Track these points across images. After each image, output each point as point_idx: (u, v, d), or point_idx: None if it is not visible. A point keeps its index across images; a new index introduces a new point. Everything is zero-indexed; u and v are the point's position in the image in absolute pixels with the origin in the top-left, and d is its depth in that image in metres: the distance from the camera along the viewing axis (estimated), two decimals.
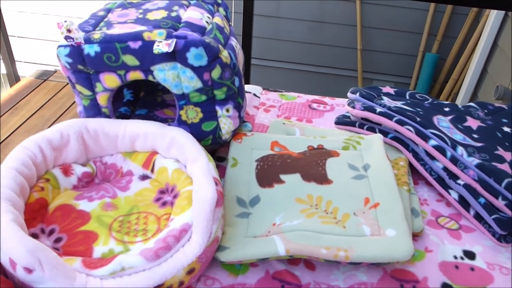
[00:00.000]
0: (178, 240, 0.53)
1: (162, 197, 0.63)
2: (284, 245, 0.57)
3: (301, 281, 0.60)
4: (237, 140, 0.75)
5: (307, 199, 0.65)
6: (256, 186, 0.67)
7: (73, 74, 0.67)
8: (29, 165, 0.58)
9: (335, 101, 1.01)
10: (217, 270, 0.61)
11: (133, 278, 0.50)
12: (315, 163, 0.70)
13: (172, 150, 0.65)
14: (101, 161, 0.67)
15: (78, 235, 0.57)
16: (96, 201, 0.62)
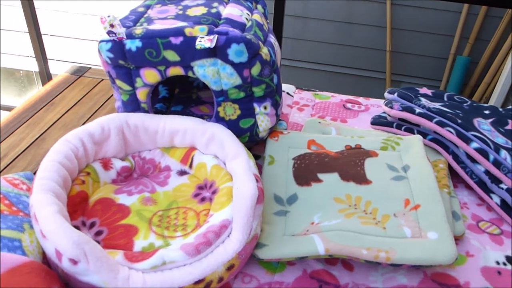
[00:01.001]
0: (218, 236, 0.53)
1: (200, 193, 0.63)
2: (324, 244, 0.57)
3: (339, 281, 0.59)
4: (274, 138, 0.75)
5: (345, 199, 0.64)
6: (294, 184, 0.67)
7: (113, 69, 0.68)
8: (71, 158, 0.59)
9: (370, 102, 0.99)
10: (254, 268, 0.60)
11: (174, 272, 0.50)
12: (353, 163, 0.69)
13: (211, 146, 0.65)
14: (140, 156, 0.68)
15: (119, 229, 0.57)
16: (135, 195, 0.62)
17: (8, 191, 0.58)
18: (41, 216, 0.48)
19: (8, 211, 0.54)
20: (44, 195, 0.51)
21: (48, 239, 0.47)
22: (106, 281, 0.47)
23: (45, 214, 0.48)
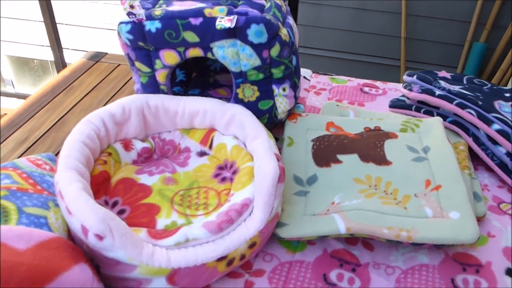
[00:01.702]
0: (240, 214, 0.53)
1: (221, 173, 0.63)
2: (345, 223, 0.57)
3: (360, 260, 0.59)
4: (292, 120, 0.75)
5: (365, 179, 0.64)
6: (313, 165, 0.67)
7: (133, 51, 0.68)
8: (93, 138, 0.59)
9: (387, 85, 0.99)
10: (275, 247, 0.61)
11: (197, 249, 0.50)
12: (373, 144, 0.69)
13: (231, 127, 0.65)
14: (159, 137, 0.68)
15: (141, 208, 0.58)
16: (156, 175, 0.63)
17: (32, 170, 0.59)
18: (67, 193, 0.49)
19: (33, 189, 0.55)
20: (69, 173, 0.52)
21: (74, 216, 0.47)
22: (131, 256, 0.47)
23: (70, 191, 0.49)
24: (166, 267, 0.49)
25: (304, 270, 0.58)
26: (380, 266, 0.58)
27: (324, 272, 0.57)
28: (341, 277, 0.57)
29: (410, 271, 0.57)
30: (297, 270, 0.58)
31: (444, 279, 0.56)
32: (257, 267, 0.58)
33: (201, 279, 0.52)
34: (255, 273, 0.57)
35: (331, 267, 0.58)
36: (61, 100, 0.95)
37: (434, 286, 0.55)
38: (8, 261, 0.40)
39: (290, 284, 0.56)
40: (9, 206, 0.50)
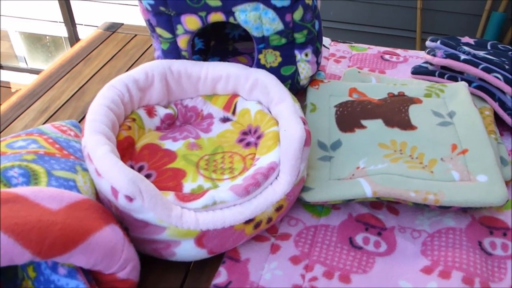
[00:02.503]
0: (267, 177, 0.53)
1: (245, 138, 0.63)
2: (371, 187, 0.57)
3: (385, 224, 0.59)
4: (314, 87, 0.74)
5: (390, 144, 0.63)
6: (337, 131, 0.66)
7: (154, 17, 0.67)
8: (118, 103, 0.59)
9: (408, 53, 0.97)
10: (299, 212, 0.61)
11: (225, 212, 0.51)
12: (397, 110, 0.68)
13: (255, 92, 0.64)
14: (182, 104, 0.68)
15: (167, 172, 0.58)
16: (180, 141, 0.63)
17: (58, 136, 0.59)
18: (96, 155, 0.49)
19: (60, 154, 0.55)
20: (96, 136, 0.52)
21: (103, 177, 0.47)
22: (161, 218, 0.48)
23: (99, 153, 0.49)
24: (195, 229, 0.49)
25: (330, 234, 0.58)
26: (406, 230, 0.58)
27: (350, 236, 0.57)
28: (367, 241, 0.57)
29: (436, 235, 0.57)
30: (323, 233, 0.58)
31: (471, 242, 0.55)
32: (283, 231, 0.58)
33: (229, 241, 0.52)
34: (281, 237, 0.57)
35: (357, 230, 0.58)
36: (80, 70, 0.95)
37: (462, 249, 0.54)
38: (43, 220, 0.40)
39: (316, 247, 0.56)
40: (38, 169, 0.50)
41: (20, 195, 0.43)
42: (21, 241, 0.39)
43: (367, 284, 0.52)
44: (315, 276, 0.53)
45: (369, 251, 0.56)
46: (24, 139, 0.57)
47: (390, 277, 0.53)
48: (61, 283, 0.44)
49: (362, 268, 0.54)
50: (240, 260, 0.55)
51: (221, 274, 0.53)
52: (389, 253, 0.56)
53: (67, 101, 0.85)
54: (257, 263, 0.54)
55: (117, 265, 0.45)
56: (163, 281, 0.53)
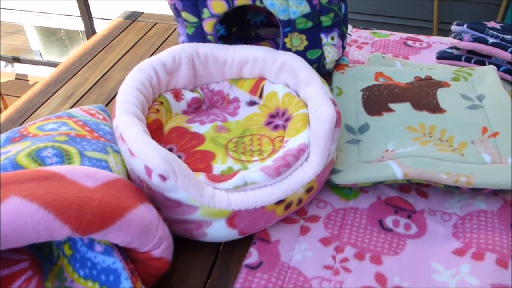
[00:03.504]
0: (297, 158, 0.53)
1: (273, 121, 0.63)
2: (401, 169, 0.56)
3: (415, 207, 0.58)
4: (340, 71, 0.73)
5: (419, 127, 0.63)
6: (364, 114, 0.66)
7: (179, 1, 0.67)
8: (147, 86, 0.59)
9: (431, 39, 0.96)
10: (328, 195, 0.61)
11: (256, 192, 0.51)
12: (425, 93, 0.67)
13: (282, 75, 0.64)
14: (208, 88, 0.68)
15: (196, 154, 0.58)
16: (208, 124, 0.63)
17: (87, 119, 0.60)
18: (128, 135, 0.49)
19: (90, 136, 0.56)
20: (128, 116, 0.52)
21: (137, 157, 0.48)
22: (194, 198, 0.48)
23: (132, 133, 0.49)
24: (227, 209, 0.49)
25: (359, 216, 0.57)
26: (436, 213, 0.58)
27: (380, 218, 0.57)
28: (397, 223, 0.57)
29: (468, 217, 0.56)
30: (352, 216, 0.58)
31: (503, 224, 0.55)
32: (312, 214, 0.58)
33: (260, 222, 0.52)
34: (310, 219, 0.57)
35: (386, 213, 0.58)
36: (102, 58, 0.95)
37: (494, 231, 0.54)
38: (81, 196, 0.41)
39: (346, 229, 0.56)
40: (71, 150, 0.51)
41: (57, 173, 0.43)
42: (60, 216, 0.39)
43: (399, 266, 0.52)
44: (346, 257, 0.52)
45: (399, 234, 0.55)
46: (54, 122, 0.58)
47: (422, 259, 0.53)
48: (98, 260, 0.44)
49: (393, 250, 0.54)
50: (270, 241, 0.55)
51: (252, 254, 0.53)
52: (420, 235, 0.55)
53: (91, 88, 0.85)
54: (287, 244, 0.54)
55: (152, 243, 0.45)
56: (194, 262, 0.54)
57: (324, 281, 0.50)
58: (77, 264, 0.46)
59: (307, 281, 0.50)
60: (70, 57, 0.96)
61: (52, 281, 0.45)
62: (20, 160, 0.47)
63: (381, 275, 0.51)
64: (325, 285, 0.50)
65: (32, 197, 0.39)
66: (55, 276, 0.46)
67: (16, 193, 0.39)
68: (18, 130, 0.56)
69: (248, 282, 0.50)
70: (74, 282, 0.46)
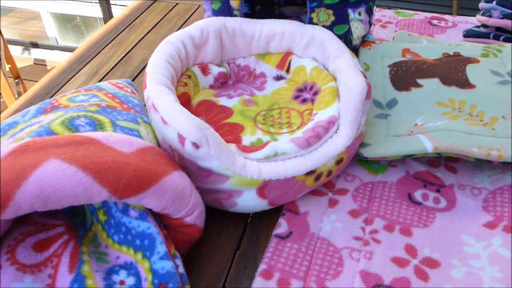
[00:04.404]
0: (327, 130, 0.53)
1: (301, 95, 0.63)
2: (432, 142, 0.56)
3: (444, 182, 0.58)
4: (366, 47, 0.73)
5: (448, 102, 0.62)
6: (392, 90, 0.65)
7: None
8: (176, 58, 0.59)
9: (456, 18, 0.94)
10: (356, 169, 0.60)
11: (287, 163, 0.51)
12: (454, 69, 0.66)
13: (310, 49, 0.64)
14: (234, 63, 0.68)
15: (225, 127, 0.58)
16: (235, 98, 0.63)
17: (116, 92, 0.60)
18: (161, 104, 0.49)
19: (120, 107, 0.56)
20: (160, 86, 0.52)
21: (170, 125, 0.48)
22: (225, 166, 0.48)
23: (165, 102, 0.49)
24: (258, 179, 0.49)
25: (388, 190, 0.57)
26: (466, 187, 0.58)
27: (409, 192, 0.57)
28: (426, 197, 0.56)
29: (498, 191, 0.56)
30: (381, 189, 0.57)
31: None
32: (340, 187, 0.58)
33: (290, 192, 0.52)
34: (339, 192, 0.57)
35: (415, 187, 0.58)
36: (125, 37, 0.95)
37: None
38: (118, 161, 0.41)
39: (375, 202, 0.56)
40: (103, 119, 0.51)
41: (93, 138, 0.44)
42: (98, 179, 0.39)
43: (429, 238, 0.52)
44: (375, 229, 0.52)
45: (428, 207, 0.55)
46: (84, 94, 0.58)
47: (452, 232, 0.52)
48: (133, 225, 0.44)
49: (422, 222, 0.53)
50: (299, 213, 0.55)
51: (281, 225, 0.53)
52: (449, 209, 0.55)
53: (115, 66, 0.86)
54: (316, 216, 0.55)
55: (186, 209, 0.45)
56: (223, 233, 0.54)
57: (354, 252, 0.50)
58: (111, 230, 0.46)
59: (337, 251, 0.50)
60: (92, 36, 0.97)
61: (87, 246, 0.46)
62: (55, 128, 0.48)
63: (411, 246, 0.51)
64: (355, 256, 0.50)
65: (71, 160, 0.40)
66: (89, 241, 0.47)
67: (55, 156, 0.40)
68: (49, 101, 0.57)
69: (278, 251, 0.50)
70: (109, 247, 0.47)
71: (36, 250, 0.44)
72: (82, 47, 0.92)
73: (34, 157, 0.39)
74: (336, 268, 0.49)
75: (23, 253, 0.43)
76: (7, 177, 0.37)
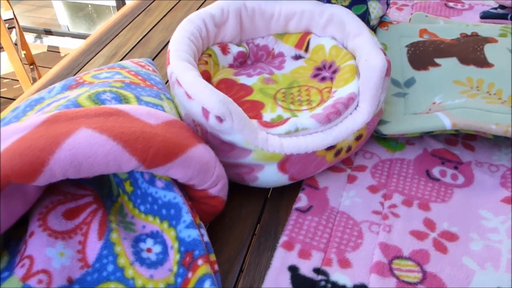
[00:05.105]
0: (347, 107, 0.54)
1: (320, 73, 0.63)
2: (450, 119, 0.56)
3: (462, 159, 0.59)
4: (383, 28, 0.73)
5: (466, 81, 0.63)
6: (410, 69, 0.66)
7: None
8: (197, 36, 0.60)
9: (473, 1, 0.94)
10: (374, 146, 0.61)
11: (308, 138, 0.51)
12: (472, 48, 0.67)
13: (329, 28, 0.64)
14: (253, 42, 0.69)
15: (245, 104, 0.59)
16: (255, 76, 0.64)
17: (138, 70, 0.61)
18: (185, 79, 0.50)
19: (143, 84, 0.57)
20: (183, 62, 0.53)
21: (194, 99, 0.49)
22: (248, 140, 0.49)
23: (189, 77, 0.50)
24: (279, 153, 0.50)
25: (406, 166, 0.58)
26: (483, 165, 0.58)
27: (427, 169, 0.58)
28: (444, 173, 0.57)
29: None
30: (399, 166, 0.58)
31: None
32: (358, 163, 0.59)
33: (310, 167, 0.53)
34: (357, 168, 0.58)
35: (433, 164, 0.58)
36: (142, 20, 0.96)
37: None
38: (147, 131, 0.42)
39: (393, 178, 0.57)
40: (128, 94, 0.52)
41: (122, 110, 0.45)
42: (128, 148, 0.41)
43: (447, 213, 0.52)
44: (394, 203, 0.53)
45: (446, 183, 0.56)
46: (107, 71, 0.59)
47: (470, 207, 0.53)
48: (159, 195, 0.46)
49: (441, 197, 0.54)
50: (318, 188, 0.56)
51: (301, 199, 0.54)
52: (467, 185, 0.56)
53: (133, 48, 0.87)
54: (336, 191, 0.56)
55: (210, 181, 0.46)
56: (244, 207, 0.55)
57: (373, 225, 0.51)
58: (138, 200, 0.48)
59: (357, 224, 0.51)
60: (109, 20, 0.98)
61: (114, 216, 0.47)
62: (82, 102, 0.49)
63: (430, 220, 0.52)
64: (375, 229, 0.51)
65: (101, 129, 0.41)
66: (116, 211, 0.48)
67: (86, 125, 0.41)
68: (73, 78, 0.58)
69: (299, 224, 0.51)
70: (135, 218, 0.48)
71: (66, 218, 0.45)
72: (99, 30, 0.93)
73: (66, 126, 0.41)
74: (356, 240, 0.50)
75: (54, 220, 0.44)
76: (41, 144, 0.38)
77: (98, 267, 0.43)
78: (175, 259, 0.43)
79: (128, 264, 0.43)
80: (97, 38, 0.90)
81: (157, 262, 0.44)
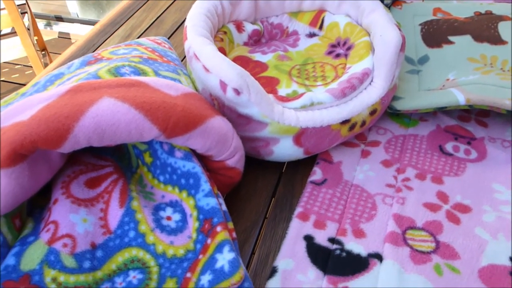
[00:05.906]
0: (361, 82, 0.54)
1: (334, 50, 0.64)
2: (464, 95, 0.57)
3: (475, 135, 0.59)
4: (397, 7, 0.74)
5: (480, 58, 0.63)
6: (423, 46, 0.66)
7: None
8: (213, 13, 0.61)
9: None
10: (387, 122, 0.62)
11: (323, 112, 0.52)
12: (486, 26, 0.67)
13: (344, 5, 0.64)
14: (267, 21, 0.69)
15: (261, 80, 0.60)
16: (269, 54, 0.64)
17: (155, 47, 0.62)
18: (203, 53, 0.51)
19: (160, 60, 0.58)
20: (201, 37, 0.54)
21: (212, 73, 0.50)
22: (265, 113, 0.50)
23: (207, 51, 0.51)
24: (295, 126, 0.51)
25: (419, 142, 0.59)
26: (496, 140, 0.59)
27: (440, 144, 0.58)
28: (457, 149, 0.58)
29: None
30: (412, 141, 0.59)
31: None
32: (372, 139, 0.60)
33: (325, 141, 0.54)
34: (371, 144, 0.59)
35: (446, 139, 0.59)
36: (155, 2, 0.97)
37: None
38: (167, 101, 0.43)
39: (407, 153, 0.57)
40: (146, 69, 0.53)
41: (142, 81, 0.46)
42: (150, 117, 0.42)
43: (460, 186, 0.53)
44: (407, 177, 0.54)
45: (459, 158, 0.56)
46: (125, 48, 0.60)
47: (483, 180, 0.54)
48: (178, 165, 0.47)
49: (454, 172, 0.55)
50: (333, 162, 0.57)
51: (316, 172, 0.55)
52: (480, 160, 0.56)
53: (147, 29, 0.88)
54: (350, 165, 0.56)
55: (228, 152, 0.48)
56: (260, 179, 0.56)
57: (387, 197, 0.52)
58: (157, 171, 0.49)
59: (371, 197, 0.52)
60: (123, 2, 0.98)
61: (134, 185, 0.48)
62: (102, 75, 0.50)
63: (443, 193, 0.52)
64: (388, 201, 0.52)
65: (124, 98, 0.42)
66: (136, 182, 0.50)
67: (109, 94, 0.42)
68: (92, 55, 0.59)
69: (314, 196, 0.52)
70: (154, 188, 0.49)
71: (88, 186, 0.46)
72: (113, 12, 0.94)
73: (89, 96, 0.42)
74: (370, 211, 0.51)
75: (76, 188, 0.46)
76: (66, 112, 0.39)
77: (120, 233, 0.44)
78: (194, 226, 0.44)
79: (149, 230, 0.44)
80: (112, 19, 0.91)
81: (177, 229, 0.45)
